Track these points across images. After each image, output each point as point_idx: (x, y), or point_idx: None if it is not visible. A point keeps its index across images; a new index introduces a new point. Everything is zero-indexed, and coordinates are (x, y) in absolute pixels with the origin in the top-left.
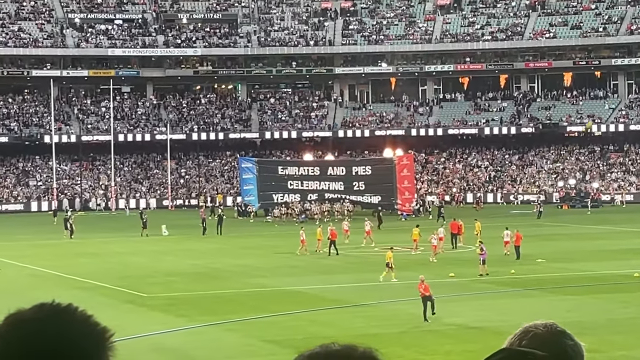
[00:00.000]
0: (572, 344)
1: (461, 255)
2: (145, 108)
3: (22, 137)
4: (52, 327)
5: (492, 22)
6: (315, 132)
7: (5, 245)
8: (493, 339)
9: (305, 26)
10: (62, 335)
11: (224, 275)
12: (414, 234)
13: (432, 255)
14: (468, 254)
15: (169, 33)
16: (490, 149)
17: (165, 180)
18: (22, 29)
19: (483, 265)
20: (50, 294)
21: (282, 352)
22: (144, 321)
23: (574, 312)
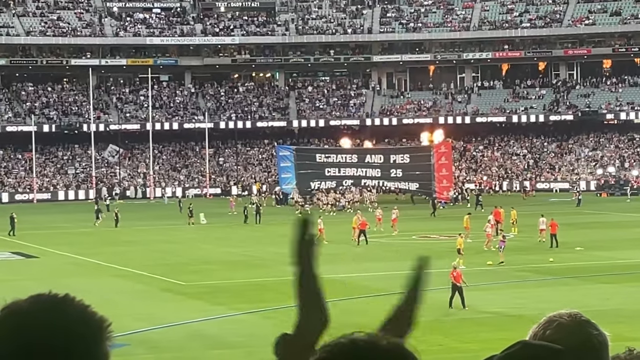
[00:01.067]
0: (596, 334)
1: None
2: (184, 97)
3: (62, 126)
4: (48, 318)
5: (531, 9)
6: (353, 120)
7: (45, 233)
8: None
9: (343, 14)
10: (58, 326)
11: (262, 263)
12: (465, 222)
13: (486, 243)
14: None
15: (207, 21)
16: (529, 136)
17: (203, 168)
18: (61, 18)
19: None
20: (89, 282)
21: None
22: (182, 309)
23: (611, 300)
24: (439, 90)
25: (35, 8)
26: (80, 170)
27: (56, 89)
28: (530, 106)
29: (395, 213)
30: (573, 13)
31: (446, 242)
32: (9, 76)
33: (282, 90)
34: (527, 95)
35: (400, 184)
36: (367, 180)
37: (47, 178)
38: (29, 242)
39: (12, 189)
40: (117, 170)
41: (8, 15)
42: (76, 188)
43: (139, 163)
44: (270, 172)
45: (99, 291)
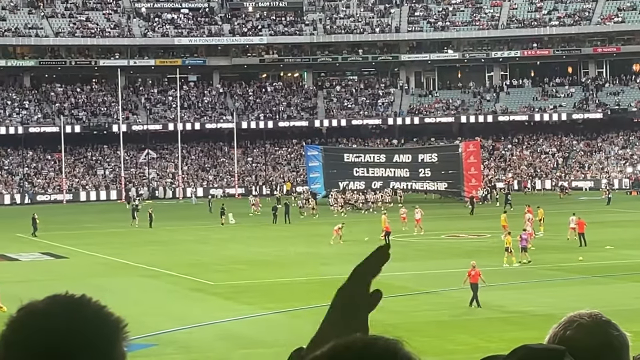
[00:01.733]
0: (617, 334)
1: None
2: (212, 97)
3: (91, 127)
4: (64, 319)
5: (560, 7)
6: (382, 119)
7: (75, 234)
8: None
9: (370, 13)
10: (73, 327)
11: (291, 263)
12: (502, 220)
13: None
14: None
15: (235, 21)
16: (558, 135)
17: (231, 168)
18: (89, 19)
19: (523, 253)
20: (117, 282)
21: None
22: (210, 309)
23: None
24: (468, 89)
25: (64, 9)
26: (110, 171)
27: (85, 89)
28: (559, 104)
29: (419, 212)
30: (602, 11)
31: (475, 242)
32: (38, 77)
33: (310, 89)
34: (556, 94)
35: (429, 183)
36: (395, 182)
37: (76, 179)
38: (58, 243)
39: (41, 189)
40: (146, 171)
41: (37, 17)
42: (105, 188)
43: (168, 163)
44: (299, 172)
45: (127, 291)
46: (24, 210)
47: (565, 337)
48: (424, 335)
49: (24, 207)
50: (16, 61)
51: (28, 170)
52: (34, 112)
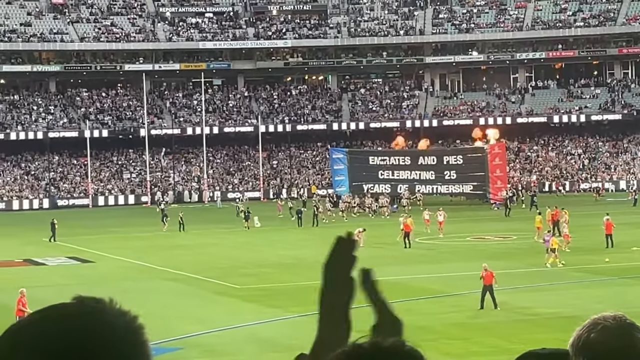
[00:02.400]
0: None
1: None
2: (237, 100)
3: (116, 131)
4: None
5: (584, 8)
6: (406, 121)
7: (100, 237)
8: None
9: (395, 16)
10: (83, 330)
11: (317, 265)
12: (536, 222)
13: (565, 245)
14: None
15: (259, 25)
16: (584, 136)
17: (257, 171)
18: (114, 24)
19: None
20: (143, 285)
21: None
22: (236, 312)
23: None
24: (493, 91)
25: (88, 14)
26: (135, 175)
27: (110, 94)
28: (585, 106)
29: (441, 215)
30: (627, 11)
31: (501, 244)
32: (64, 82)
33: (335, 92)
34: (581, 95)
35: (455, 186)
36: (420, 185)
37: (102, 183)
38: (84, 247)
39: (67, 194)
40: (172, 175)
41: (62, 22)
42: (131, 192)
43: (193, 167)
44: (324, 174)
45: (153, 295)
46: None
47: (589, 340)
48: (449, 337)
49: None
50: (42, 66)
51: (54, 175)
52: (59, 117)
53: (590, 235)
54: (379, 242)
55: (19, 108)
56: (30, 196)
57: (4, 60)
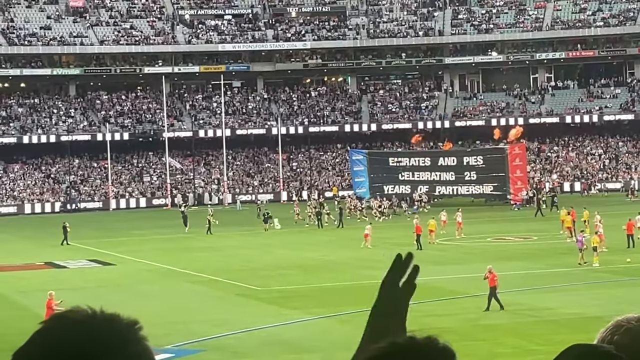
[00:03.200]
0: None
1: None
2: (256, 102)
3: (136, 134)
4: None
5: (604, 8)
6: (426, 122)
7: (120, 240)
8: None
9: (414, 17)
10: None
11: (337, 267)
12: (567, 222)
13: (601, 244)
14: None
15: (279, 27)
16: (604, 136)
17: (276, 173)
18: (133, 27)
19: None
20: (164, 288)
21: None
22: (257, 314)
23: None
24: (512, 91)
25: (108, 17)
26: (156, 178)
27: (130, 97)
28: (605, 105)
29: (459, 216)
30: None
31: (521, 244)
32: (84, 85)
33: (354, 94)
34: (601, 95)
35: (475, 187)
36: (440, 186)
37: (122, 186)
38: (105, 250)
39: (88, 197)
40: (192, 177)
41: (82, 25)
42: (151, 195)
43: (213, 169)
44: (344, 176)
45: (174, 297)
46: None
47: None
48: (472, 339)
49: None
50: (61, 70)
51: (74, 178)
52: (79, 120)
53: (611, 236)
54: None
55: (39, 111)
56: (50, 199)
57: (24, 64)
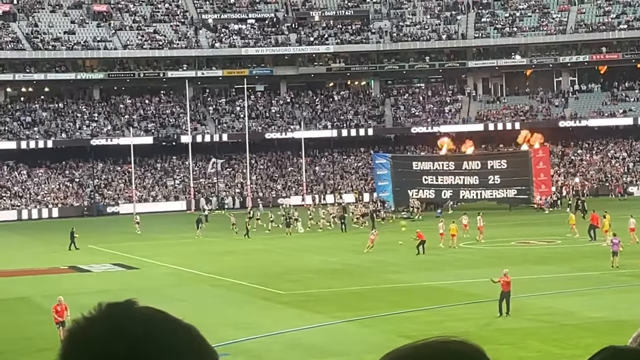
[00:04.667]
0: None
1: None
2: (279, 106)
3: (160, 138)
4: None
5: (628, 11)
6: (450, 126)
7: (144, 244)
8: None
9: (437, 20)
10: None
11: (360, 271)
12: (606, 225)
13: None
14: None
15: (302, 31)
16: (628, 139)
17: (300, 177)
18: (157, 31)
19: (614, 257)
20: (188, 292)
21: None
22: (281, 318)
23: None
24: (536, 95)
25: (132, 22)
26: (179, 181)
27: (153, 101)
28: (630, 109)
29: (480, 220)
30: None
31: (545, 248)
32: (107, 90)
33: (377, 97)
34: (625, 98)
35: (498, 191)
36: (464, 190)
37: (145, 189)
38: (129, 254)
39: (112, 201)
40: (215, 181)
41: (106, 30)
42: (174, 199)
43: (236, 173)
44: (367, 180)
45: (198, 301)
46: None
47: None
48: (496, 343)
49: (94, 218)
50: (85, 74)
51: (98, 182)
52: (103, 124)
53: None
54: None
55: (63, 116)
56: (74, 203)
57: (48, 69)
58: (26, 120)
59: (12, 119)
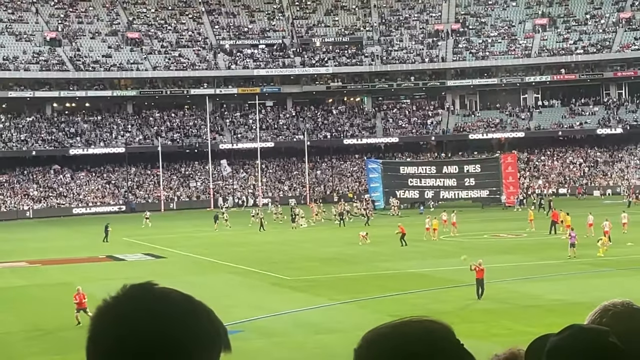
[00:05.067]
0: None
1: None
2: (286, 119)
3: (183, 146)
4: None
5: (584, 38)
6: (432, 136)
7: (169, 237)
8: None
9: (421, 45)
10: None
11: (356, 260)
12: (567, 221)
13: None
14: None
15: (305, 55)
16: (584, 147)
17: (303, 180)
18: (181, 55)
19: (572, 249)
20: (208, 278)
21: None
22: (288, 300)
23: None
24: (505, 109)
25: (160, 47)
26: (200, 183)
27: (178, 114)
28: (585, 121)
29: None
30: (621, 39)
31: (514, 240)
32: (139, 105)
33: (370, 112)
34: (582, 112)
35: (473, 192)
36: (444, 191)
37: (171, 190)
38: (158, 245)
39: (142, 200)
40: (231, 183)
41: (138, 54)
42: (196, 198)
43: (249, 176)
44: (361, 182)
45: (217, 285)
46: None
47: (600, 324)
48: (471, 321)
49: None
50: (120, 92)
51: (131, 184)
52: (135, 134)
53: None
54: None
55: (101, 127)
56: (111, 202)
57: (88, 87)
58: (70, 131)
59: (58, 129)
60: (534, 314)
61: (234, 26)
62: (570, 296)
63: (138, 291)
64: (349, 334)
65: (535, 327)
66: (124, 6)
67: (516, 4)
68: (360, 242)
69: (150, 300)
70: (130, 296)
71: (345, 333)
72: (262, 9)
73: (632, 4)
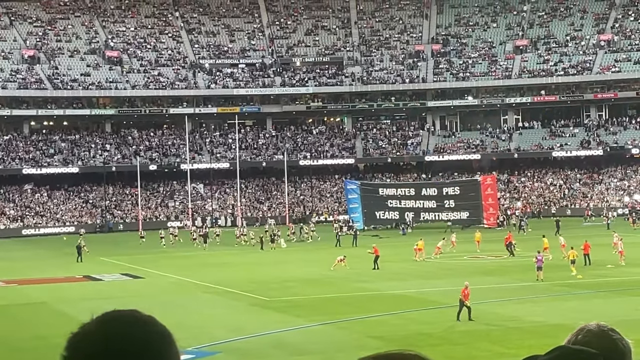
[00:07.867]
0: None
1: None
2: (265, 139)
3: (162, 165)
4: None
5: (564, 60)
6: (411, 157)
7: (149, 257)
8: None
9: (401, 66)
10: (127, 335)
11: (334, 281)
12: (544, 243)
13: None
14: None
15: (285, 74)
16: (564, 169)
17: (283, 200)
18: (161, 74)
19: (539, 272)
20: (186, 298)
21: (388, 346)
22: (267, 321)
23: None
24: (486, 130)
25: (139, 66)
26: (179, 203)
27: (157, 133)
28: (565, 143)
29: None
30: (601, 62)
31: (495, 261)
32: (118, 124)
33: (350, 132)
34: (562, 134)
35: (453, 213)
36: (424, 213)
37: (150, 210)
38: (136, 265)
39: (120, 220)
40: (210, 203)
41: (116, 72)
42: (175, 219)
43: (228, 196)
44: (341, 202)
45: (195, 306)
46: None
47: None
48: (452, 343)
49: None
50: (99, 110)
51: (109, 203)
52: (114, 153)
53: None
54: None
55: (79, 146)
56: (88, 221)
57: (66, 105)
58: (48, 150)
59: (36, 148)
60: (514, 335)
61: (213, 45)
62: (549, 318)
63: (110, 315)
64: (328, 356)
65: (515, 349)
66: (103, 24)
67: (497, 25)
68: (332, 268)
69: (123, 324)
70: (102, 321)
71: (324, 354)
72: (242, 29)
73: (612, 26)
